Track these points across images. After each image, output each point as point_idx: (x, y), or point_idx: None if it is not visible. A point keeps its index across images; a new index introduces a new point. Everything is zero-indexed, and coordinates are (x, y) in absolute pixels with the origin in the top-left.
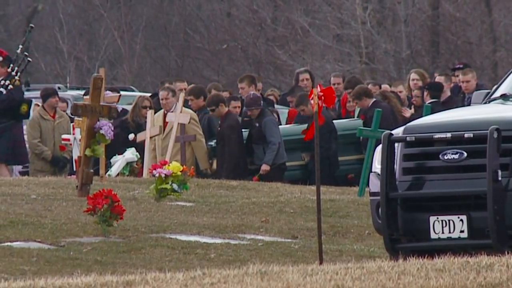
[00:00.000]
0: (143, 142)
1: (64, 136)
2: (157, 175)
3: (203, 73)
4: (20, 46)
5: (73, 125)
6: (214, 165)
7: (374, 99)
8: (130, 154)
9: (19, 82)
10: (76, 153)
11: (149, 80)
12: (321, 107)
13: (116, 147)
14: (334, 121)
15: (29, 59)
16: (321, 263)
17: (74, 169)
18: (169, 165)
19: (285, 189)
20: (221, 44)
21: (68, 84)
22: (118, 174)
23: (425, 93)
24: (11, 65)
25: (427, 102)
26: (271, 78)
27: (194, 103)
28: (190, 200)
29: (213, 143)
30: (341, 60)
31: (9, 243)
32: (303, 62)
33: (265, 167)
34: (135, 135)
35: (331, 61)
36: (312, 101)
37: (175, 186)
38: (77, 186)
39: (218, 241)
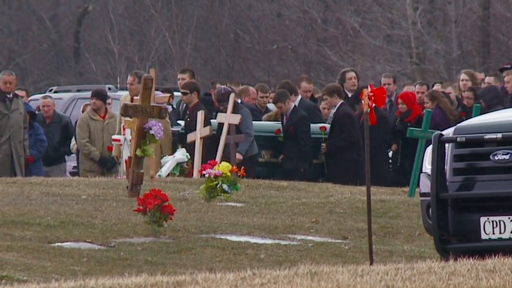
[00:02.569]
0: (193, 143)
1: (114, 137)
2: (207, 175)
3: (253, 74)
4: None
5: (123, 126)
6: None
7: (342, 101)
8: (181, 154)
9: None
10: (126, 154)
11: (199, 80)
12: (371, 106)
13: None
14: None
15: None
16: (371, 263)
17: (125, 169)
18: (219, 166)
19: (335, 190)
20: (272, 44)
21: (118, 85)
22: (168, 175)
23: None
24: None
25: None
26: (321, 78)
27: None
28: (240, 201)
29: (179, 129)
30: (392, 60)
31: (59, 244)
32: (354, 62)
33: (239, 156)
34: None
35: (382, 62)
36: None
37: (225, 186)
38: (127, 187)
39: (268, 241)
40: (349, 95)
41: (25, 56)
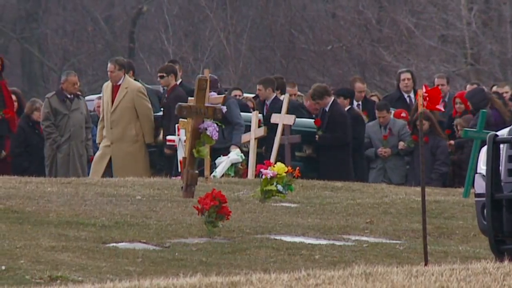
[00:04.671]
0: (248, 143)
1: (169, 137)
2: (263, 176)
3: (308, 74)
4: None
5: (177, 126)
6: (161, 136)
7: (333, 98)
8: (235, 155)
9: None
10: (181, 154)
11: (254, 81)
12: (425, 106)
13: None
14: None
15: None
16: (426, 264)
17: (179, 170)
18: (274, 166)
19: (390, 190)
20: (326, 45)
21: None
22: (223, 175)
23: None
24: None
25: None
26: (376, 79)
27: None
28: (295, 201)
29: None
30: (446, 61)
31: (114, 244)
32: (408, 63)
33: (234, 149)
34: None
35: (436, 62)
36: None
37: (279, 187)
38: (182, 187)
39: (323, 242)
40: (405, 96)
41: (80, 57)
